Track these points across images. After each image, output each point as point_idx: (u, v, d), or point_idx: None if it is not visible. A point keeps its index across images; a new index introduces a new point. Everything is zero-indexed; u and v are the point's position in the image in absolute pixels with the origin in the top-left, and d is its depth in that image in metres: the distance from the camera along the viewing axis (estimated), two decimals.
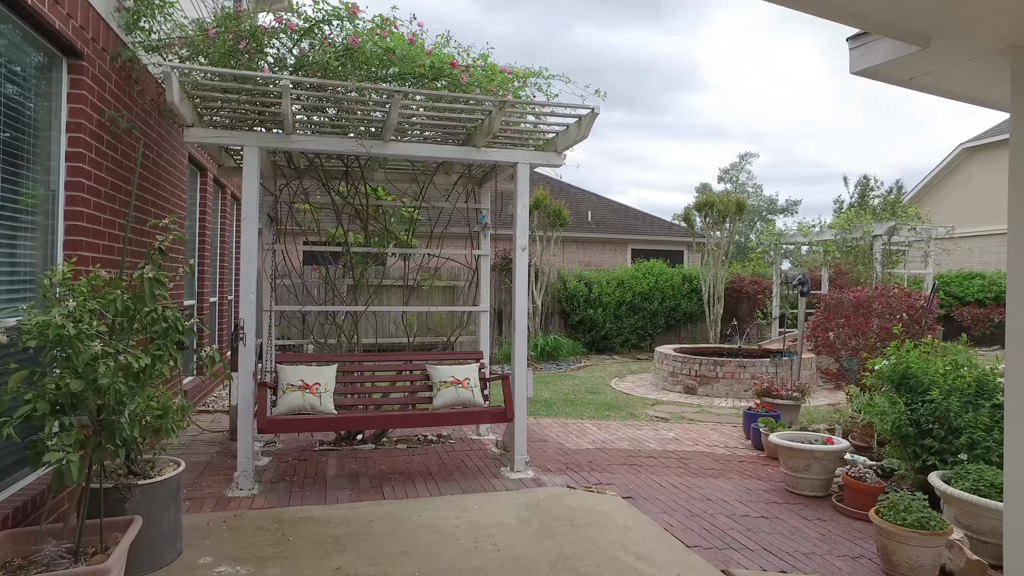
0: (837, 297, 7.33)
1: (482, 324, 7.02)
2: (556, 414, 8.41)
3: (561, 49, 73.57)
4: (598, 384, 11.23)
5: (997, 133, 23.34)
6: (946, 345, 5.34)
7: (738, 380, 10.01)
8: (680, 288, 16.87)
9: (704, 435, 7.22)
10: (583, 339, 16.22)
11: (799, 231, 12.66)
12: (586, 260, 21.23)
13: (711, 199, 15.90)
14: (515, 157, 5.61)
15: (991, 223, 22.31)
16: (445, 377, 5.47)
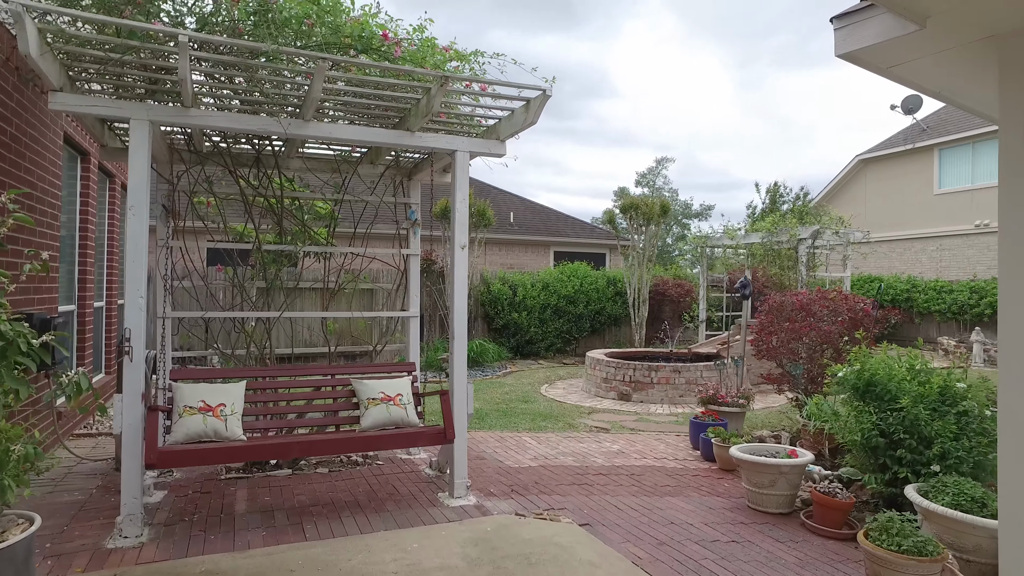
0: (780, 300, 7.17)
1: (412, 331, 6.36)
2: (490, 427, 7.84)
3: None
4: (528, 392, 10.75)
5: (890, 146, 24.83)
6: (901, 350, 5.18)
7: (673, 385, 9.80)
8: (605, 291, 16.72)
9: (650, 446, 6.86)
10: (508, 344, 15.75)
11: (725, 234, 12.71)
12: (508, 262, 20.81)
13: (636, 201, 15.82)
14: (454, 144, 5.01)
15: (885, 230, 23.65)
16: (374, 393, 4.79)
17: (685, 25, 73.85)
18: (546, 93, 4.57)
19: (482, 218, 14.46)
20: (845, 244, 11.47)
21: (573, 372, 13.43)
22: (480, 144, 5.13)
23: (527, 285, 15.88)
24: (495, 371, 13.35)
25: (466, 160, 5.07)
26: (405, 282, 6.51)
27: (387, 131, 4.87)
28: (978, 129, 21.98)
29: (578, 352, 16.77)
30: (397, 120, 5.01)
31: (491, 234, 19.90)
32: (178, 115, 4.16)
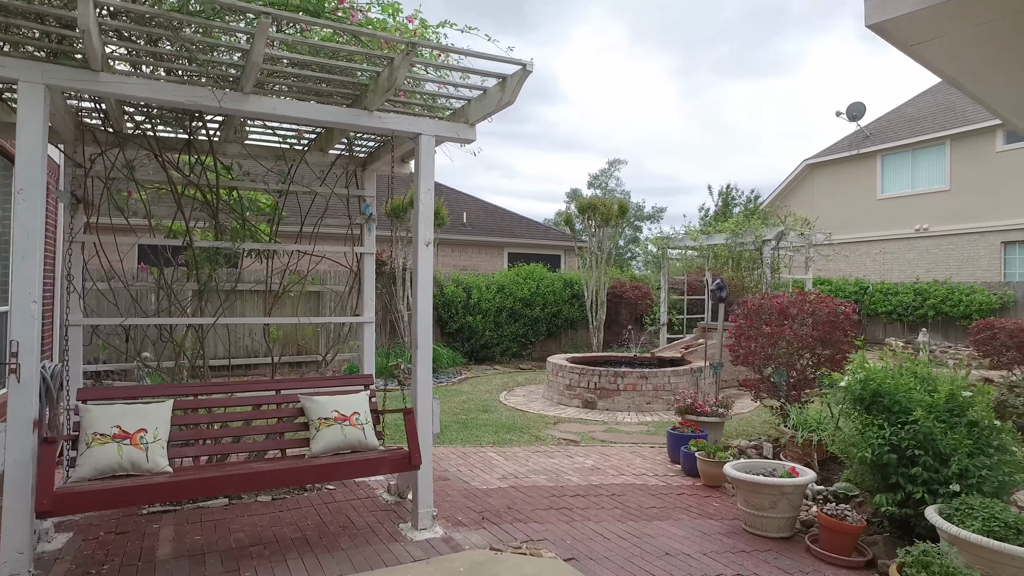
0: (759, 303, 6.82)
1: (366, 338, 5.71)
2: (451, 441, 7.23)
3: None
4: (487, 400, 10.17)
5: (836, 151, 25.35)
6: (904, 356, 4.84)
7: (640, 392, 9.39)
8: (562, 293, 16.29)
9: (626, 461, 6.38)
10: (462, 348, 15.13)
11: (688, 235, 12.45)
12: (462, 264, 20.19)
13: (594, 202, 15.46)
14: (418, 127, 4.41)
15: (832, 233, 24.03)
16: (326, 412, 4.13)
17: (630, 33, 74.84)
18: (526, 68, 4.03)
19: (436, 217, 13.80)
20: (807, 246, 11.34)
21: (532, 378, 12.92)
22: (448, 128, 4.53)
23: (482, 287, 15.30)
24: (450, 377, 12.72)
25: (431, 146, 4.47)
26: (358, 284, 5.85)
27: (341, 109, 4.22)
28: (918, 137, 22.60)
29: (534, 356, 16.29)
30: (353, 98, 4.37)
31: (444, 234, 19.24)
32: (83, 80, 3.41)
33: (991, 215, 20.82)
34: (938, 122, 22.58)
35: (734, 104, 73.24)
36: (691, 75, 74.63)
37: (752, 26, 70.84)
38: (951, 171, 21.93)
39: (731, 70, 73.08)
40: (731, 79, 73.19)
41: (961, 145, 21.64)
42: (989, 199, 20.87)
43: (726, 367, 11.78)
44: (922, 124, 23.10)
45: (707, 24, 71.93)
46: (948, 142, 21.99)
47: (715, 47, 72.68)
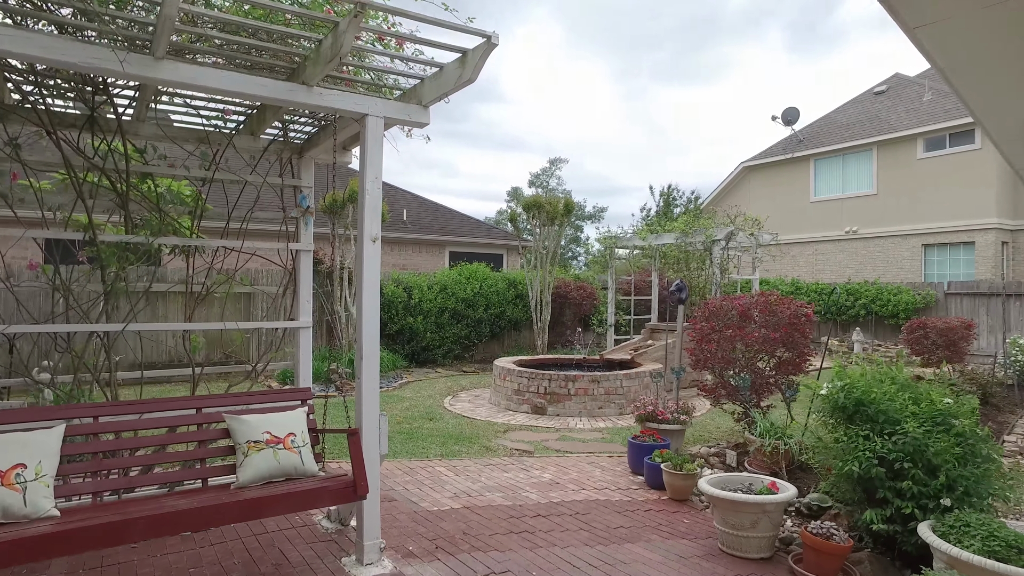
0: (720, 305, 6.58)
1: (303, 345, 5.11)
2: (396, 454, 6.67)
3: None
4: (432, 406, 9.63)
5: (771, 155, 25.97)
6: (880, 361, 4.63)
7: (592, 396, 9.07)
8: (506, 294, 15.87)
9: (585, 473, 6.00)
10: (403, 351, 14.50)
11: (636, 234, 12.24)
12: (402, 263, 19.52)
13: (539, 200, 15.11)
14: (364, 106, 3.87)
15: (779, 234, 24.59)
16: (256, 433, 3.54)
17: (571, 35, 75.44)
18: (491, 41, 3.56)
19: None
20: (755, 246, 11.32)
21: (476, 381, 12.44)
22: (398, 109, 4.02)
23: (423, 287, 14.72)
24: (391, 382, 12.10)
25: (380, 129, 3.95)
26: (294, 284, 5.24)
27: (276, 83, 3.64)
28: (847, 143, 23.36)
29: (477, 359, 15.83)
30: (290, 71, 3.79)
31: (384, 232, 18.53)
32: None
33: (913, 219, 21.71)
34: (865, 129, 23.41)
35: (669, 108, 74.94)
36: (629, 78, 75.90)
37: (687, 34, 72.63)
38: (878, 176, 22.77)
39: (667, 75, 74.75)
40: (667, 84, 74.87)
41: (886, 152, 22.50)
42: (911, 203, 21.76)
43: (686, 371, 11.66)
44: (851, 130, 23.91)
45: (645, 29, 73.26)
46: (875, 148, 22.82)
47: (653, 52, 74.16)
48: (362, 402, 3.80)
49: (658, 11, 72.00)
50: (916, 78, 25.04)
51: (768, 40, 71.05)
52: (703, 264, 12.54)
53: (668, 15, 71.78)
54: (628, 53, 75.21)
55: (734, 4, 69.30)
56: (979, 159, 20.29)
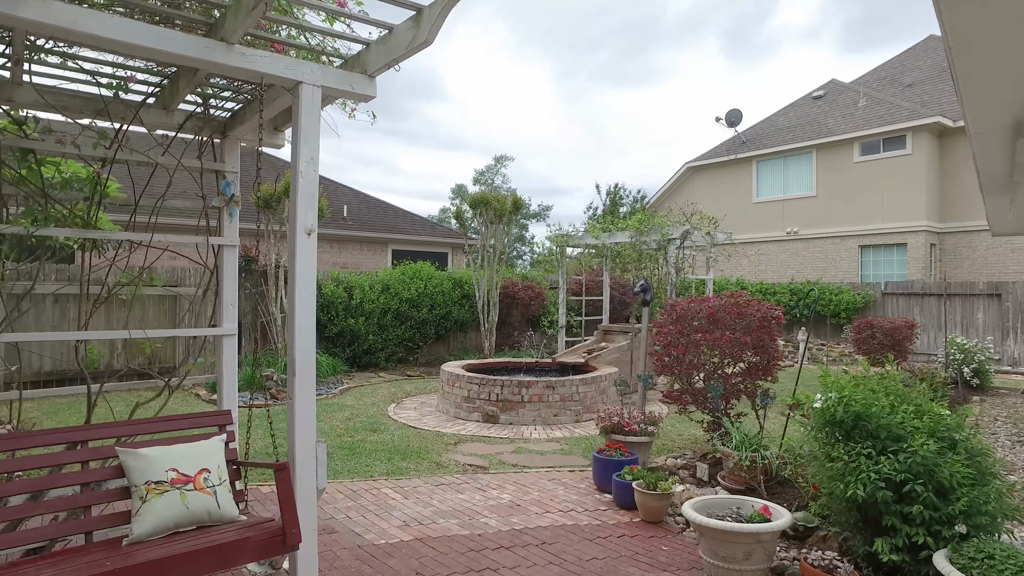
0: (688, 307, 6.18)
1: (226, 356, 4.40)
2: (336, 473, 5.99)
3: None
4: (375, 415, 8.94)
5: (715, 156, 26.22)
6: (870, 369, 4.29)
7: (547, 403, 8.57)
8: (451, 294, 15.24)
9: (547, 492, 5.48)
10: (343, 354, 13.68)
11: (589, 232, 11.84)
12: (342, 261, 18.61)
13: (487, 196, 14.56)
14: (298, 72, 3.23)
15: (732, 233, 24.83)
16: (158, 472, 2.84)
17: (514, 35, 75.30)
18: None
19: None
20: (709, 246, 11.09)
21: (422, 386, 11.79)
22: (339, 78, 3.39)
23: (365, 287, 13.93)
24: (330, 388, 11.30)
25: (316, 100, 3.31)
26: (216, 285, 4.51)
27: (187, 37, 2.95)
28: (788, 145, 23.76)
29: (422, 362, 15.15)
30: (208, 26, 3.11)
31: (323, 228, 17.59)
32: None
33: (850, 221, 22.24)
34: (805, 132, 23.86)
35: (610, 109, 75.72)
36: (570, 80, 76.32)
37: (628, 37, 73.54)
38: (817, 178, 23.24)
39: (608, 77, 75.52)
40: (608, 85, 75.62)
41: (825, 155, 22.97)
42: (849, 206, 22.28)
43: (630, 373, 11.29)
44: (792, 133, 24.33)
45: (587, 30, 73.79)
46: (814, 151, 23.27)
47: (593, 54, 74.79)
48: (295, 428, 3.15)
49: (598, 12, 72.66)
50: (851, 84, 25.72)
51: (706, 46, 72.79)
52: (656, 263, 12.28)
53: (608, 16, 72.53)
54: (569, 54, 75.70)
55: (673, 10, 70.62)
56: (911, 164, 20.92)
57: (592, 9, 73.30)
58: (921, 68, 25.07)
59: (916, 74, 24.85)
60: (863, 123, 22.24)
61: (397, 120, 74.10)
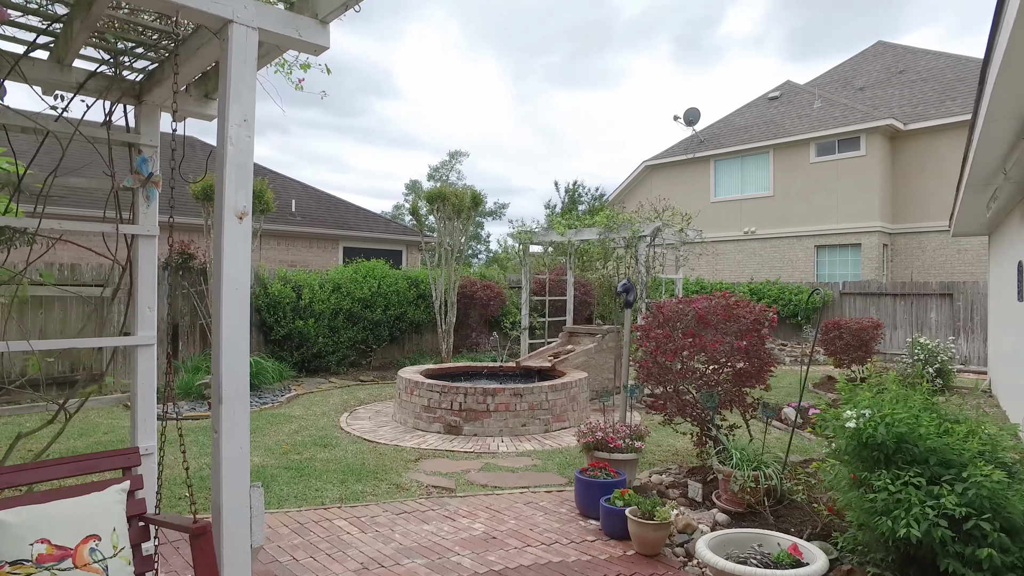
0: (677, 309, 5.62)
1: (141, 370, 3.59)
2: (281, 500, 5.21)
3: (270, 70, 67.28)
4: (326, 427, 8.14)
5: (673, 154, 26.07)
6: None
7: (514, 412, 7.93)
8: (407, 293, 14.44)
9: (525, 519, 4.83)
10: (291, 359, 12.75)
11: (554, 228, 11.24)
12: (290, 259, 17.56)
13: (444, 191, 13.80)
14: (226, 8, 2.49)
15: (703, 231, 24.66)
16: (19, 547, 2.04)
17: (467, 34, 74.56)
18: None
19: (258, 202, 11.32)
20: (679, 244, 10.64)
21: (376, 393, 10.99)
22: (282, 20, 2.66)
23: (315, 286, 13.01)
24: (276, 396, 10.40)
25: (251, 46, 2.57)
26: (129, 283, 3.70)
27: None
28: (746, 144, 23.77)
29: (375, 365, 14.32)
30: None
31: (269, 224, 16.55)
32: None
33: (807, 221, 22.36)
34: (762, 132, 23.90)
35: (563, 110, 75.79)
36: (523, 80, 76.07)
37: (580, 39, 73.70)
38: (774, 178, 23.29)
39: (560, 78, 75.55)
40: (561, 87, 75.66)
41: (782, 155, 23.05)
42: (805, 206, 22.40)
43: (598, 378, 10.76)
44: (749, 133, 24.35)
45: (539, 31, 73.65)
46: (771, 151, 23.33)
47: (546, 55, 74.70)
48: (222, 473, 2.41)
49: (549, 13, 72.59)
50: (806, 86, 25.95)
51: (657, 50, 73.56)
52: (621, 262, 11.79)
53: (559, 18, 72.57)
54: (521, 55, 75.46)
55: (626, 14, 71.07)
56: (865, 165, 21.13)
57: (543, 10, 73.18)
58: (871, 72, 25.46)
59: (866, 78, 25.23)
60: (818, 124, 22.38)
61: (348, 117, 72.53)
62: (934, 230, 20.92)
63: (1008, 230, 9.52)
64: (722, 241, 24.23)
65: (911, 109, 21.91)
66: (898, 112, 21.77)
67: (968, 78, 21.81)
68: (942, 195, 20.70)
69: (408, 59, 76.44)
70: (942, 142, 20.75)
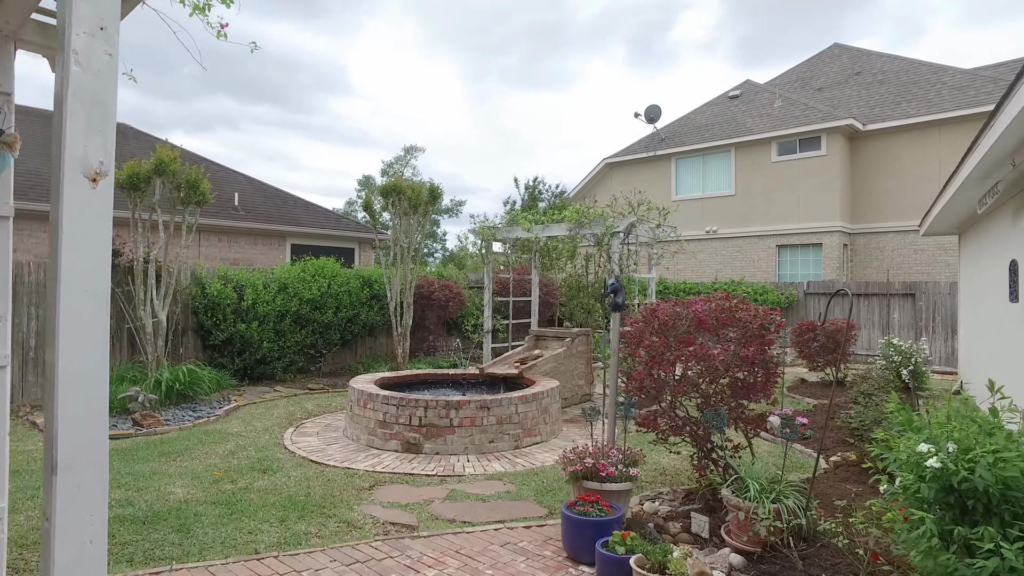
0: (673, 312, 4.90)
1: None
2: (203, 548, 4.26)
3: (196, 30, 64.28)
4: (267, 446, 7.17)
5: (634, 152, 25.63)
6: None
7: (480, 427, 7.10)
8: (359, 294, 13.46)
9: (504, 566, 4.01)
10: (232, 365, 11.63)
11: (519, 224, 10.46)
12: (232, 257, 16.31)
13: (400, 184, 12.86)
14: None
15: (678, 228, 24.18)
16: None
17: (424, 32, 73.36)
18: None
19: (194, 192, 10.18)
20: (652, 242, 10.00)
21: (325, 403, 10.02)
22: None
23: (258, 286, 11.91)
24: (213, 409, 9.32)
25: None
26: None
27: None
28: (707, 143, 23.48)
29: (325, 371, 13.29)
30: None
31: (209, 219, 15.32)
32: None
33: (768, 220, 22.19)
34: (724, 131, 23.66)
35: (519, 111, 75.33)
36: (479, 80, 75.33)
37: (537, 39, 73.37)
38: (736, 177, 23.07)
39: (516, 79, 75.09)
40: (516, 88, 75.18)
41: (744, 154, 22.83)
42: (767, 205, 22.23)
43: (568, 384, 10.01)
44: (710, 131, 24.09)
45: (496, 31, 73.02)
46: (733, 150, 23.09)
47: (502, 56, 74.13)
48: None
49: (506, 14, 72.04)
50: (766, 85, 25.88)
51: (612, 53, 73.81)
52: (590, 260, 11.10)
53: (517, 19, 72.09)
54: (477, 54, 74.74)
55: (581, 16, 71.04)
56: (826, 165, 21.05)
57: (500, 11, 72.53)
58: (828, 74, 25.54)
59: (824, 79, 25.29)
60: (780, 123, 22.23)
61: (301, 113, 70.50)
62: (892, 230, 20.98)
63: (991, 229, 9.19)
64: (683, 240, 23.87)
65: (869, 110, 21.96)
66: (856, 113, 21.78)
67: (921, 81, 21.99)
68: (899, 195, 20.77)
69: (363, 56, 74.76)
70: (900, 143, 20.83)
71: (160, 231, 9.97)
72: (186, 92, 67.04)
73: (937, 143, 20.11)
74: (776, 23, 73.12)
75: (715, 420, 4.39)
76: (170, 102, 66.20)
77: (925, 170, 20.27)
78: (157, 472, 5.97)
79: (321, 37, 71.31)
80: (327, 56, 71.95)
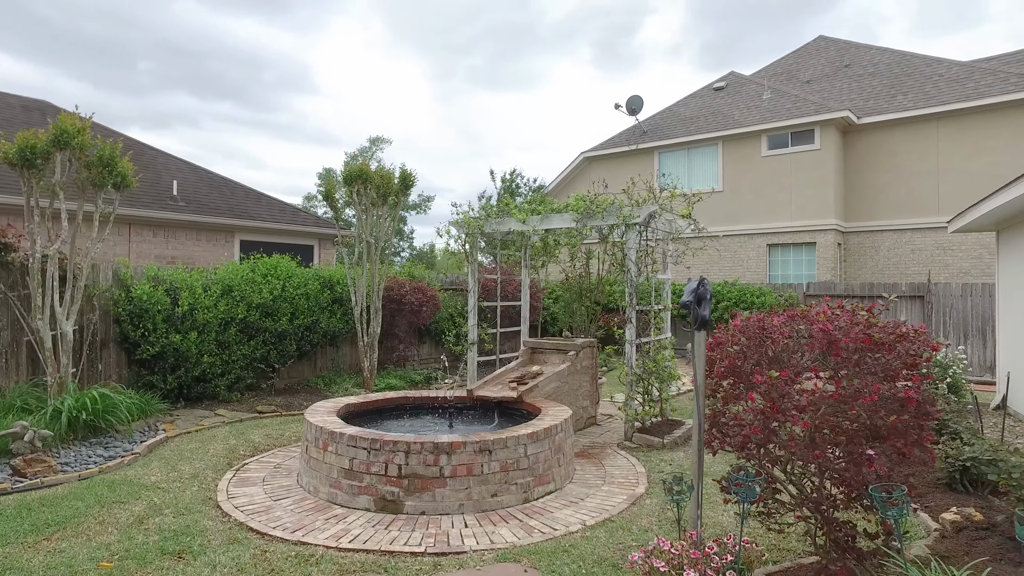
0: (795, 330, 3.27)
1: None
2: None
3: (157, 22, 61.22)
4: (191, 505, 5.32)
5: (614, 145, 24.19)
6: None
7: (480, 477, 5.38)
8: (319, 297, 11.57)
9: None
10: (164, 385, 9.64)
11: (512, 214, 8.79)
12: (170, 254, 14.19)
13: (366, 170, 11.01)
14: None
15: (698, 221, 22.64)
16: None
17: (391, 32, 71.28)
18: None
19: (108, 172, 8.17)
20: (667, 237, 8.43)
21: (277, 433, 8.15)
22: None
23: (197, 288, 9.94)
24: (131, 444, 7.38)
25: None
26: None
27: None
28: (692, 136, 22.14)
29: (279, 388, 11.36)
30: None
31: (142, 210, 13.19)
32: None
33: (759, 218, 20.96)
34: (710, 123, 22.38)
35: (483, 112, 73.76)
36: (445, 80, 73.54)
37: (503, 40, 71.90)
38: (723, 172, 21.79)
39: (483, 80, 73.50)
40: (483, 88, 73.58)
41: (731, 147, 21.57)
42: (757, 201, 20.99)
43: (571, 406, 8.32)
44: (696, 124, 22.78)
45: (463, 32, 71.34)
46: (720, 143, 21.81)
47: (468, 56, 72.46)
48: None
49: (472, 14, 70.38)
50: (753, 77, 24.72)
51: (579, 54, 72.80)
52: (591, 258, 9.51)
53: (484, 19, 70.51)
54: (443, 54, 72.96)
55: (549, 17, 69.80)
56: (820, 160, 19.90)
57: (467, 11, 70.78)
58: (815, 66, 24.52)
59: (812, 72, 24.25)
60: (770, 116, 21.02)
61: (263, 112, 67.62)
62: (888, 229, 19.94)
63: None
64: (710, 236, 22.51)
65: (862, 103, 20.90)
66: (849, 105, 20.71)
67: (916, 74, 21.04)
68: (896, 192, 19.73)
69: (328, 54, 72.21)
70: (896, 137, 19.80)
71: (63, 220, 7.96)
72: (145, 87, 63.83)
73: (936, 137, 19.12)
74: (740, 28, 73.12)
75: (887, 508, 2.74)
76: (125, 96, 62.87)
77: (923, 165, 19.27)
78: (10, 567, 4.08)
79: (285, 35, 68.69)
80: (292, 54, 69.40)
